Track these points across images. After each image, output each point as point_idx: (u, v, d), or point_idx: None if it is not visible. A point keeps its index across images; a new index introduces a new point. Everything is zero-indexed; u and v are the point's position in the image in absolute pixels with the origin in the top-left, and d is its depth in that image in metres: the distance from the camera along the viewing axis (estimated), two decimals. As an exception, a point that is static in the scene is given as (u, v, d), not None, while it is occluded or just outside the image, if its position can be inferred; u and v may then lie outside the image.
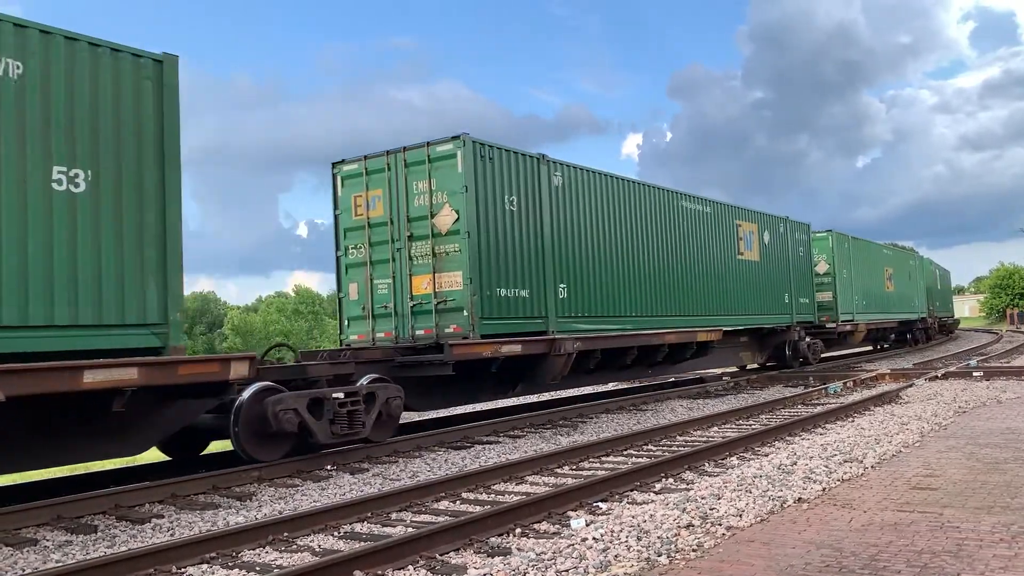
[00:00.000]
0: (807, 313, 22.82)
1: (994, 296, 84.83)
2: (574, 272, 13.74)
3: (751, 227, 20.26)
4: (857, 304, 26.17)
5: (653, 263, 15.97)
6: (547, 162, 13.34)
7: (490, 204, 12.08)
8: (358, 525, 6.70)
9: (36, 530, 6.87)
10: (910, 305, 33.61)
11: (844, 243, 26.09)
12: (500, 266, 12.16)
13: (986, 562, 4.69)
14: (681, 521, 5.82)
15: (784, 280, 21.60)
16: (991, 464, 7.62)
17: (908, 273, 33.79)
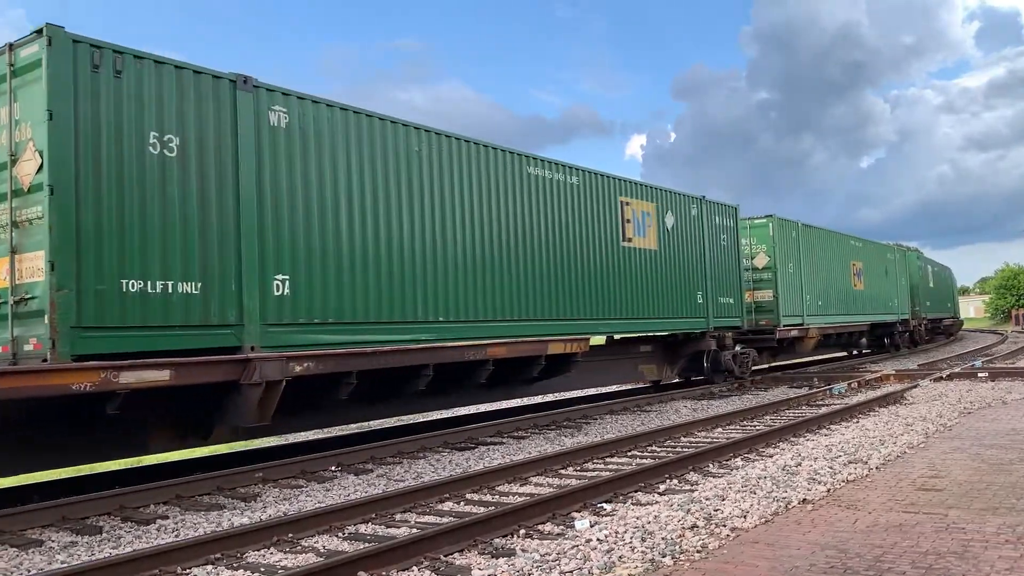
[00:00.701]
0: (731, 316, 18.48)
1: (999, 297, 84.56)
2: (308, 258, 9.39)
3: (646, 207, 15.68)
4: (809, 305, 22.33)
5: (473, 249, 11.68)
6: (255, 89, 9.04)
7: (112, 143, 7.73)
8: (362, 526, 6.71)
9: (41, 531, 6.89)
10: (886, 305, 29.18)
11: (790, 232, 21.75)
12: (130, 243, 7.81)
13: (991, 563, 4.68)
14: (685, 522, 5.81)
15: (696, 275, 17.14)
16: (996, 465, 7.60)
17: (885, 269, 29.47)
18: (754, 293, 20.38)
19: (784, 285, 20.84)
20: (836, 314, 24.31)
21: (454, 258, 11.33)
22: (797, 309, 21.58)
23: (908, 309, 31.92)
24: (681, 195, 17.01)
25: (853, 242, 26.85)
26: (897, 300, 30.54)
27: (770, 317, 20.37)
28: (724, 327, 18.28)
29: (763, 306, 20.50)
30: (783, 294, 20.70)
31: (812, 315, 22.41)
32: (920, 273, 35.31)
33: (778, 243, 20.98)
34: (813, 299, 22.65)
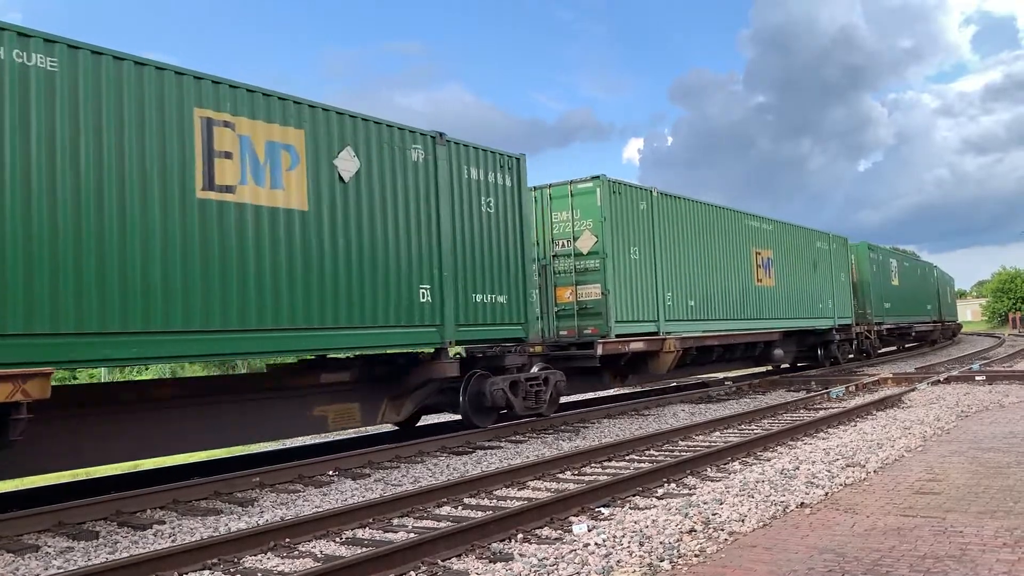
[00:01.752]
0: (503, 324, 12.18)
1: (996, 300, 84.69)
2: None
3: (277, 134, 9.31)
4: (672, 306, 16.29)
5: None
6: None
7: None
8: (360, 531, 6.69)
9: (38, 536, 6.87)
10: (815, 307, 23.12)
11: (633, 202, 15.46)
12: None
13: (989, 567, 4.68)
14: (683, 526, 5.81)
15: (417, 259, 10.90)
16: (994, 468, 7.61)
17: (812, 261, 23.43)
18: (577, 289, 14.65)
19: (619, 277, 14.77)
20: (722, 319, 18.20)
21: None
22: (645, 312, 15.52)
23: (850, 312, 25.81)
24: (379, 124, 10.50)
25: (756, 223, 20.36)
26: (833, 301, 24.51)
27: (598, 324, 14.40)
28: (489, 339, 12.18)
29: (589, 308, 14.50)
30: (616, 290, 14.59)
31: (675, 320, 16.36)
32: (874, 268, 28.96)
33: (611, 217, 14.77)
34: (679, 298, 16.60)
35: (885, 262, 30.98)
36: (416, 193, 10.96)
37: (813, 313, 23.26)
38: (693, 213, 17.67)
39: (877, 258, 29.81)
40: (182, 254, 8.20)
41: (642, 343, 15.24)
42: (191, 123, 8.41)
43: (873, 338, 28.32)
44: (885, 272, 30.63)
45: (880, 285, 29.43)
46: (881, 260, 30.36)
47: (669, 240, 16.59)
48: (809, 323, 22.99)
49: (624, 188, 15.34)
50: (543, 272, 14.77)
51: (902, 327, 32.94)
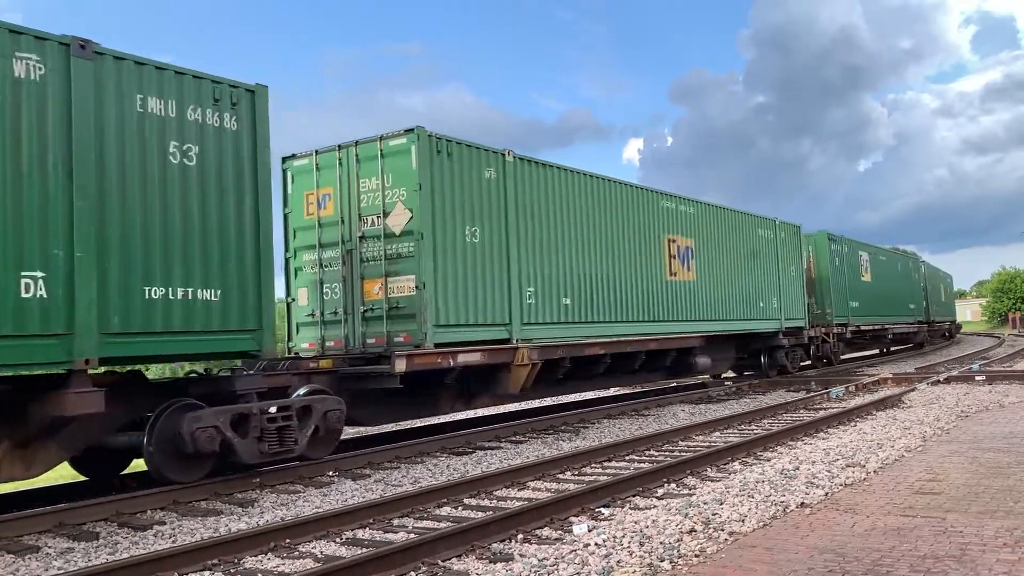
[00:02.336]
0: (198, 335, 8.33)
1: (996, 300, 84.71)
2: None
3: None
4: (536, 305, 12.60)
5: None
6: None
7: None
8: (360, 531, 6.69)
9: (38, 537, 6.87)
10: (754, 307, 19.44)
11: (475, 168, 11.79)
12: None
13: (989, 567, 4.68)
14: (684, 526, 5.81)
15: (34, 233, 7.08)
16: (994, 468, 7.61)
17: (752, 251, 19.68)
18: (387, 282, 10.99)
19: (445, 267, 11.10)
20: (614, 321, 14.42)
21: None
22: (488, 312, 11.77)
23: (803, 312, 22.08)
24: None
25: (670, 204, 16.53)
26: (779, 299, 20.68)
27: (410, 329, 10.75)
28: (182, 354, 8.72)
29: (401, 308, 10.88)
30: (439, 284, 10.97)
31: (539, 323, 12.68)
32: (837, 262, 25.27)
33: (434, 185, 11.04)
34: (547, 296, 12.88)
35: (852, 255, 26.95)
36: (17, 125, 7.06)
37: (751, 314, 19.33)
38: (573, 187, 13.72)
39: (841, 250, 25.80)
40: None
41: (479, 355, 11.29)
42: None
43: (833, 342, 24.38)
44: (852, 266, 26.71)
45: (845, 281, 25.68)
46: (847, 253, 26.33)
47: (534, 220, 12.72)
48: (745, 326, 19.05)
49: (458, 148, 11.47)
50: (348, 259, 11.36)
51: (876, 329, 28.85)
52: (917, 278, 36.27)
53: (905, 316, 32.82)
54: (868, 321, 27.68)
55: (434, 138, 11.12)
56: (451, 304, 11.17)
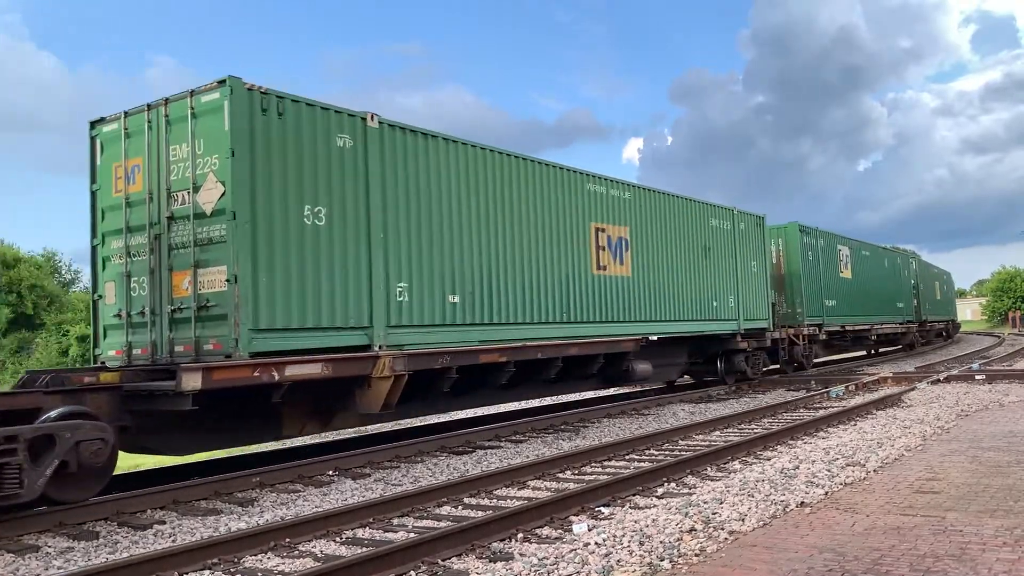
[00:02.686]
0: None
1: (996, 299, 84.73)
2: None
3: None
4: (411, 304, 10.45)
5: None
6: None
7: None
8: (360, 531, 6.70)
9: (38, 536, 6.87)
10: (705, 306, 17.09)
11: (322, 134, 9.55)
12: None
13: (989, 566, 4.68)
14: (684, 526, 5.81)
15: None
16: (994, 467, 7.61)
17: (704, 246, 17.31)
18: (196, 274, 8.77)
19: (271, 254, 8.81)
20: (521, 323, 12.17)
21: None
22: (339, 313, 9.47)
23: (767, 312, 19.81)
24: None
25: (599, 187, 14.25)
26: (738, 298, 18.38)
27: (220, 334, 8.53)
28: None
29: (211, 307, 8.65)
30: (261, 276, 8.71)
31: (415, 327, 10.41)
32: (810, 256, 23.11)
33: (255, 151, 8.79)
34: (427, 293, 10.68)
35: (829, 249, 24.73)
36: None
37: (702, 314, 17.00)
38: (466, 163, 11.45)
39: (815, 244, 23.52)
40: None
41: (319, 366, 8.91)
42: None
43: (803, 345, 21.82)
44: (829, 262, 24.54)
45: (820, 278, 23.49)
46: (823, 247, 24.06)
47: (410, 201, 10.48)
48: (694, 327, 16.63)
49: (294, 106, 9.17)
50: (155, 246, 9.03)
51: (857, 330, 26.49)
52: (907, 275, 33.68)
53: (892, 316, 30.37)
54: (847, 321, 25.34)
55: (257, 92, 8.72)
56: (280, 303, 8.76)
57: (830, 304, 24.01)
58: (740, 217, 19.03)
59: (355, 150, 9.82)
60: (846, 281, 25.79)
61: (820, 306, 23.36)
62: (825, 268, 24.13)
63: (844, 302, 25.20)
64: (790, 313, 22.01)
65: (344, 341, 9.43)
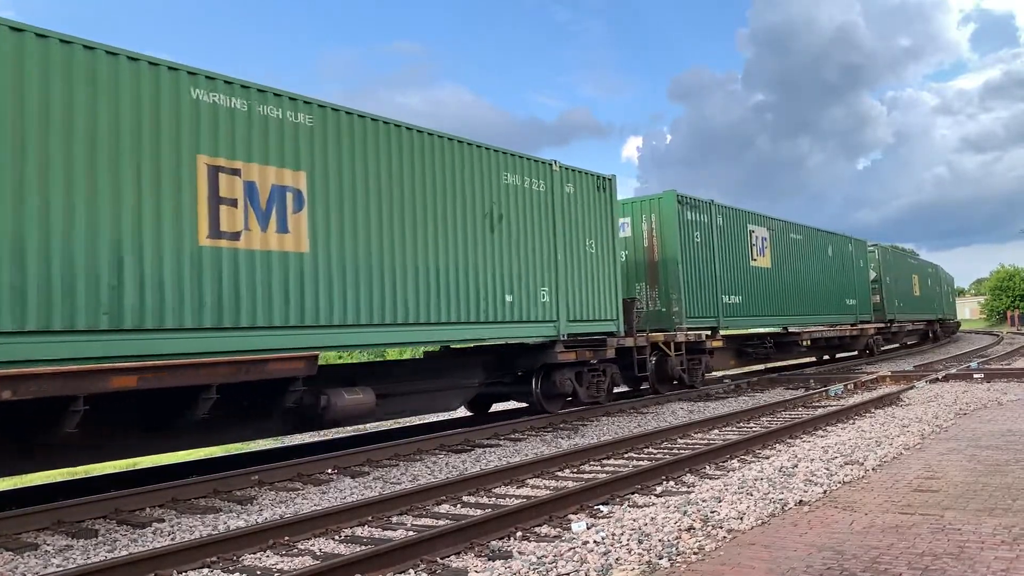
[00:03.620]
0: None
1: (995, 298, 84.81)
2: None
3: None
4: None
5: None
6: None
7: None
8: (359, 529, 6.70)
9: (37, 534, 6.87)
10: (490, 303, 11.96)
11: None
12: None
13: (988, 564, 4.69)
14: (682, 524, 5.81)
15: None
16: (992, 466, 7.62)
17: (491, 209, 12.13)
18: None
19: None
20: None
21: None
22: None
23: (613, 312, 14.59)
24: None
25: (222, 99, 8.66)
26: (553, 291, 13.22)
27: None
28: None
29: None
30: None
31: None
32: (699, 238, 17.76)
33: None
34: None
35: (734, 229, 19.19)
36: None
37: (487, 314, 11.84)
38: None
39: (705, 222, 17.99)
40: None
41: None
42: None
43: (675, 358, 16.35)
44: (734, 246, 19.09)
45: (715, 267, 18.17)
46: (721, 227, 18.66)
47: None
48: (450, 334, 11.41)
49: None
50: None
51: (775, 334, 21.58)
52: (863, 266, 27.80)
53: (838, 315, 24.96)
54: (761, 323, 20.13)
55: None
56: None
57: (732, 301, 18.75)
58: (564, 175, 13.43)
59: None
60: (761, 272, 20.27)
61: (714, 303, 18.06)
62: (725, 254, 18.75)
63: (757, 298, 19.83)
64: (664, 312, 16.75)
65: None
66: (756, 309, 19.92)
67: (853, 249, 27.27)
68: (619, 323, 14.68)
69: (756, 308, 19.92)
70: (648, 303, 17.17)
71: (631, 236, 17.47)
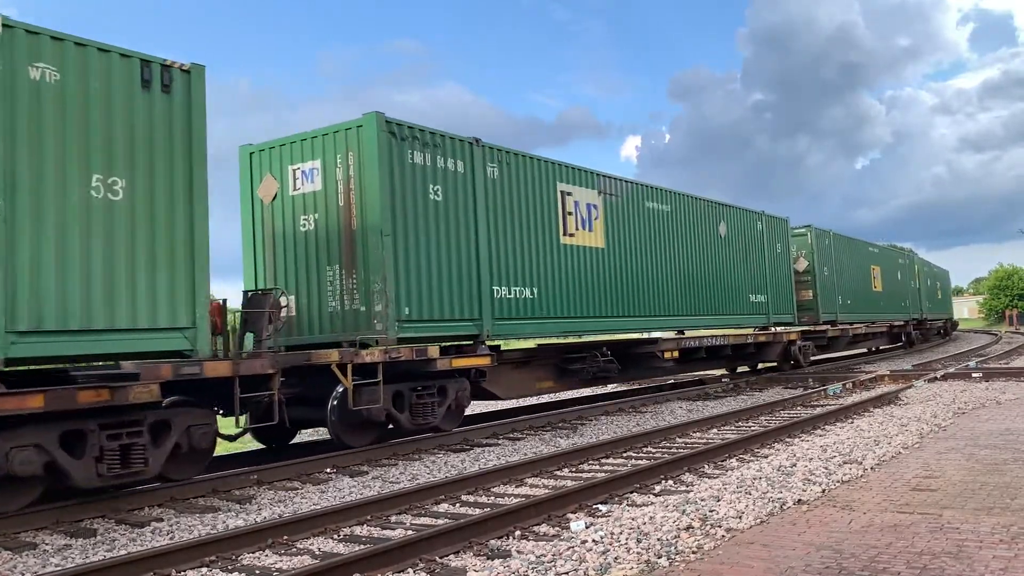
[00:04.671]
0: None
1: (993, 297, 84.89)
2: None
3: None
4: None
5: None
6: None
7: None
8: (358, 528, 6.70)
9: (35, 534, 6.86)
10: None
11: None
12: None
13: (986, 563, 4.69)
14: (681, 523, 5.82)
15: None
16: (990, 465, 7.62)
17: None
18: None
19: None
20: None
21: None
22: None
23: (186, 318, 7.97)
24: None
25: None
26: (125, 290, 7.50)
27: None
28: None
29: None
30: None
31: None
32: (440, 195, 11.40)
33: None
34: None
35: (530, 188, 13.08)
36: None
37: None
38: None
39: (457, 169, 11.82)
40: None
41: None
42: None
43: (354, 390, 9.88)
44: (529, 212, 13.00)
45: (472, 241, 11.91)
46: (497, 180, 12.48)
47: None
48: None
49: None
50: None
51: (627, 343, 15.49)
52: (781, 251, 21.49)
53: (726, 315, 18.59)
54: (577, 327, 14.04)
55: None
56: None
57: (517, 295, 12.58)
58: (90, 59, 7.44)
59: None
60: (584, 253, 14.13)
61: (473, 299, 11.77)
62: (507, 223, 12.52)
63: (570, 292, 13.65)
64: (363, 313, 10.60)
65: None
66: (568, 307, 13.69)
67: (765, 229, 20.77)
68: (196, 339, 8.05)
69: (568, 306, 13.69)
70: (343, 298, 10.87)
71: (321, 190, 11.10)
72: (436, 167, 11.53)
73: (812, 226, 24.13)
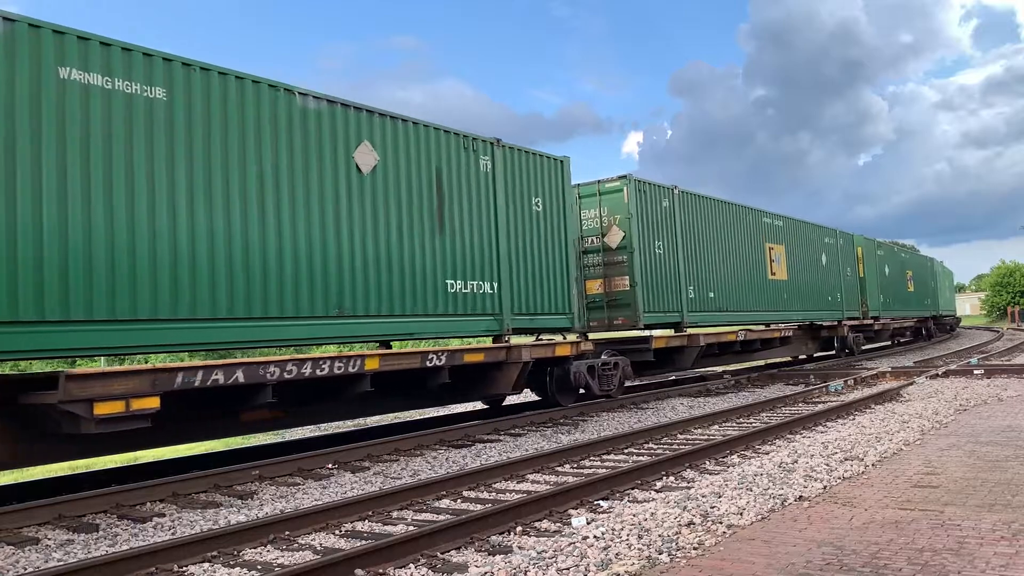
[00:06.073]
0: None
1: (995, 294, 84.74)
2: None
3: None
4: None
5: None
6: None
7: None
8: (359, 524, 6.71)
9: (38, 529, 6.88)
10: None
11: None
12: None
13: (987, 560, 4.69)
14: (682, 519, 5.82)
15: None
16: (992, 462, 7.62)
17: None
18: None
19: None
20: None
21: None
22: None
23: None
24: None
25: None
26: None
27: None
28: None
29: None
30: None
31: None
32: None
33: None
34: None
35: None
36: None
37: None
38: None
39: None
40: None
41: None
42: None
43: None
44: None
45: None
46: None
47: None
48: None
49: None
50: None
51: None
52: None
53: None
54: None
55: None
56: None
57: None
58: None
59: None
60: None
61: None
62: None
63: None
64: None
65: None
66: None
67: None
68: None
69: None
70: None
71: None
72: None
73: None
